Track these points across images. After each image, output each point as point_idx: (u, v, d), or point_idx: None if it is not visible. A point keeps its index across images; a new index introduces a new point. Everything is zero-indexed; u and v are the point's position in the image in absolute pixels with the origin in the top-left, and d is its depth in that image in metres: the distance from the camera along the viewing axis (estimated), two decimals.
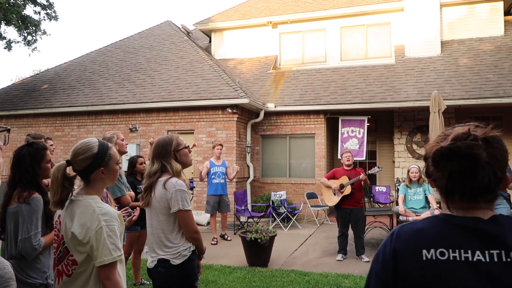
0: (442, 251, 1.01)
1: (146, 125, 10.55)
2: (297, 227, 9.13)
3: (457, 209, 1.06)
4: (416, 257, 1.03)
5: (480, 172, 0.99)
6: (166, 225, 2.45)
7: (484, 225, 1.01)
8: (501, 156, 1.03)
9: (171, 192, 2.40)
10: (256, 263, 5.93)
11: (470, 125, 1.07)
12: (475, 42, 11.30)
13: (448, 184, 1.04)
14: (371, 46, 12.08)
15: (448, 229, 1.04)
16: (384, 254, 1.10)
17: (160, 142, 2.58)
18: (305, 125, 10.66)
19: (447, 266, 0.99)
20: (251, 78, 12.01)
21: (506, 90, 9.25)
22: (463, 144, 1.01)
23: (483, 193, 1.02)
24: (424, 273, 1.01)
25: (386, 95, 10.05)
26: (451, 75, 10.23)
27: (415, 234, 1.07)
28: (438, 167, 1.05)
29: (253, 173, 10.64)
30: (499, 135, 1.05)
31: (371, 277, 1.12)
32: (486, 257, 0.98)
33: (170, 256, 2.42)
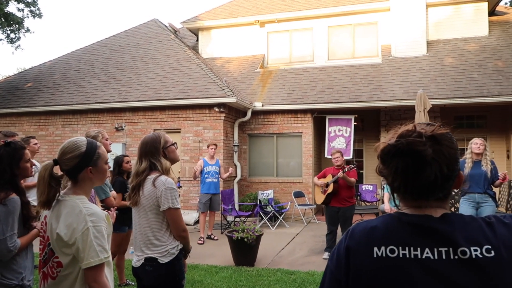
0: (392, 248, 1.01)
1: (132, 124, 10.44)
2: (284, 226, 9.13)
3: (409, 207, 1.06)
4: (367, 254, 1.03)
5: (427, 168, 0.99)
6: (155, 223, 2.43)
7: (434, 223, 1.01)
8: (448, 154, 1.02)
9: (160, 190, 2.39)
10: (243, 263, 5.90)
11: (420, 123, 1.07)
12: (460, 42, 11.43)
13: (395, 181, 1.04)
14: (358, 45, 12.14)
15: (399, 226, 1.03)
16: (338, 251, 1.10)
17: (148, 140, 2.55)
18: (292, 124, 10.66)
19: (397, 263, 0.99)
20: (239, 77, 11.97)
21: (490, 90, 9.38)
22: (406, 141, 1.01)
23: (431, 190, 1.02)
24: (374, 270, 1.01)
25: (373, 94, 10.10)
26: (437, 75, 10.33)
27: (368, 231, 1.07)
28: (385, 164, 1.06)
29: (240, 172, 10.61)
30: (448, 132, 1.06)
31: (326, 275, 1.12)
32: (435, 254, 0.98)
33: (158, 255, 2.40)
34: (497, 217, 1.05)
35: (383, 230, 1.05)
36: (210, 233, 7.84)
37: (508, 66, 9.99)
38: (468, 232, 0.99)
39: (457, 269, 0.96)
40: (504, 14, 12.54)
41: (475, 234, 0.99)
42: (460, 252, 0.97)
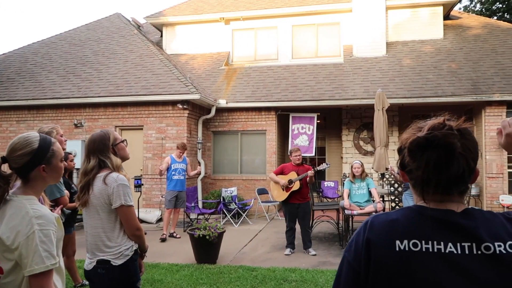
0: (415, 242, 1.01)
1: (93, 121, 10.15)
2: (248, 223, 9.19)
3: (430, 201, 1.06)
4: (389, 247, 1.02)
5: (455, 162, 1.00)
6: (107, 223, 2.34)
7: (456, 218, 1.02)
8: (473, 148, 1.04)
9: (112, 187, 2.30)
10: (205, 260, 5.90)
11: (444, 117, 1.09)
12: (417, 44, 11.89)
13: (425, 174, 1.03)
14: (321, 45, 12.36)
15: (421, 220, 1.04)
16: (357, 243, 1.08)
17: (96, 137, 2.46)
18: (256, 121, 10.73)
19: (420, 257, 0.99)
20: (203, 74, 11.90)
21: (444, 90, 9.81)
22: (440, 133, 1.02)
23: (457, 184, 1.03)
24: (397, 263, 1.00)
25: (335, 93, 10.33)
26: (395, 75, 10.70)
27: (389, 224, 1.06)
28: (415, 158, 1.05)
29: (204, 170, 10.57)
30: (470, 127, 1.08)
31: (343, 266, 1.10)
32: (458, 249, 0.99)
33: (111, 257, 2.31)
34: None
35: (405, 224, 1.05)
36: (172, 231, 7.78)
37: (460, 68, 10.49)
38: (491, 228, 1.00)
39: (480, 264, 0.96)
40: (458, 19, 13.15)
41: (498, 229, 1.00)
42: (484, 248, 0.98)
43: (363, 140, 11.24)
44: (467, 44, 11.50)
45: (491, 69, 10.28)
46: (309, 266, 5.73)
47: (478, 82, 9.88)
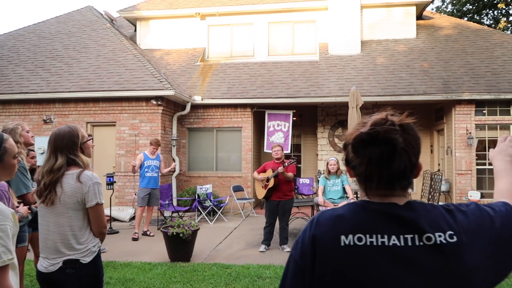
0: (360, 236, 1.01)
1: (63, 116, 9.85)
2: (223, 220, 9.13)
3: (374, 196, 1.07)
4: (334, 243, 1.02)
5: (397, 158, 1.00)
6: (76, 221, 2.27)
7: (399, 211, 1.03)
8: (415, 143, 1.04)
9: (88, 185, 2.25)
10: (178, 258, 5.82)
11: (387, 112, 1.08)
12: (391, 43, 12.08)
13: (367, 170, 1.03)
14: (297, 42, 12.39)
15: (366, 215, 1.04)
16: (303, 240, 1.08)
17: (64, 133, 2.35)
18: (232, 118, 10.67)
19: (364, 251, 1.00)
20: (178, 69, 11.73)
21: (416, 89, 10.02)
22: (382, 129, 1.01)
23: (399, 179, 1.04)
24: (342, 258, 1.00)
25: (310, 91, 10.38)
26: (369, 73, 10.85)
27: (334, 220, 1.06)
28: (358, 153, 1.04)
29: (179, 167, 10.44)
30: (413, 122, 1.07)
31: (289, 264, 1.10)
32: (401, 241, 0.99)
33: (80, 255, 2.26)
34: (455, 205, 1.09)
35: (350, 219, 1.05)
36: (146, 229, 7.64)
37: (432, 67, 10.74)
38: (432, 219, 1.02)
39: (423, 254, 0.98)
40: (430, 19, 13.44)
41: (438, 220, 1.02)
42: (425, 238, 0.99)
43: (338, 137, 11.35)
44: (439, 44, 11.78)
45: (461, 68, 10.56)
46: (283, 263, 5.70)
47: (449, 81, 10.13)
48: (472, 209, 1.08)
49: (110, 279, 4.94)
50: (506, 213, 1.09)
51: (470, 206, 1.09)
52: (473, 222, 1.03)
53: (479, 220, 1.05)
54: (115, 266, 5.56)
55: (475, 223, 1.03)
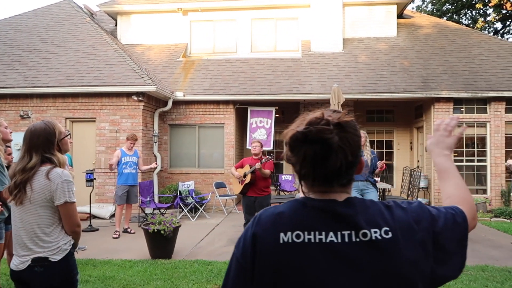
0: (298, 233, 1.01)
1: (41, 112, 9.63)
2: (205, 217, 9.11)
3: (315, 192, 1.07)
4: (273, 240, 1.02)
5: (333, 156, 1.00)
6: (45, 219, 2.21)
7: (338, 207, 1.03)
8: (353, 141, 1.04)
9: (56, 182, 2.18)
10: (159, 255, 5.77)
11: (327, 110, 1.08)
12: (372, 41, 12.22)
13: (302, 169, 1.04)
14: (280, 39, 12.41)
15: (305, 211, 1.04)
16: (245, 238, 1.08)
17: (40, 131, 2.27)
18: (214, 115, 10.62)
19: (302, 248, 1.00)
20: (160, 65, 11.60)
21: (397, 86, 10.16)
22: (314, 129, 1.01)
23: (336, 177, 1.04)
24: (280, 256, 1.00)
25: (293, 87, 10.42)
26: (351, 71, 10.95)
27: (275, 217, 1.06)
28: (294, 152, 1.05)
29: (161, 163, 10.34)
30: (353, 120, 1.07)
31: (232, 263, 1.09)
32: (338, 238, 1.00)
33: (49, 253, 2.19)
34: (396, 202, 1.10)
35: (289, 216, 1.05)
36: (126, 226, 7.54)
37: (412, 65, 10.91)
38: (369, 215, 1.03)
39: (359, 250, 0.99)
40: (411, 18, 13.65)
41: (375, 217, 1.03)
42: (361, 235, 1.00)
43: None
44: (419, 43, 11.97)
45: (440, 67, 10.76)
46: None
47: (428, 79, 10.31)
48: (413, 207, 1.09)
49: (90, 277, 4.87)
50: (452, 216, 1.09)
51: (412, 204, 1.10)
52: (411, 219, 1.04)
53: (418, 217, 1.05)
54: (95, 264, 5.48)
55: (414, 220, 1.04)
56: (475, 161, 10.14)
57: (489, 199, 9.78)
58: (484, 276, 4.83)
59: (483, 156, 10.12)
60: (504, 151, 9.82)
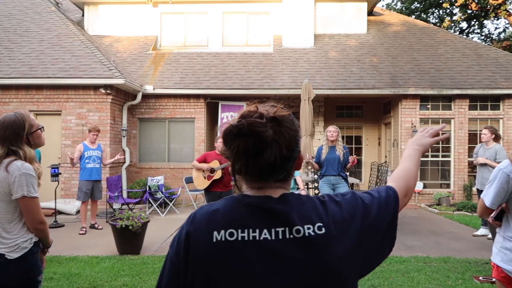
0: (232, 231, 0.99)
1: (2, 104, 9.23)
2: (175, 212, 9.02)
3: (251, 189, 1.05)
4: (206, 239, 1.00)
5: (267, 150, 0.98)
6: (4, 213, 2.13)
7: (272, 204, 1.02)
8: (288, 135, 1.02)
9: (14, 175, 2.09)
10: (127, 251, 5.67)
11: (264, 104, 1.06)
12: (343, 38, 12.38)
13: (236, 163, 1.02)
14: (251, 33, 12.37)
15: (240, 209, 1.02)
16: (179, 237, 1.05)
17: (7, 123, 2.18)
18: (185, 109, 10.50)
19: (235, 246, 0.98)
20: (129, 58, 11.34)
21: (366, 83, 10.35)
22: (246, 122, 0.99)
23: (271, 171, 1.02)
24: (213, 255, 0.99)
25: (264, 82, 10.43)
26: (322, 66, 11.06)
27: (209, 215, 1.04)
28: (227, 146, 1.02)
29: (130, 158, 10.14)
30: (290, 114, 1.06)
31: (166, 262, 1.07)
32: (272, 235, 0.99)
33: (6, 250, 2.11)
34: (331, 196, 1.09)
35: (224, 213, 1.03)
36: (93, 222, 7.36)
37: (381, 62, 11.13)
38: (303, 211, 1.02)
39: (292, 247, 0.98)
40: (380, 15, 13.91)
41: (309, 213, 1.02)
42: (295, 231, 0.99)
43: None
44: (388, 40, 12.22)
45: (408, 64, 11.04)
46: None
47: (396, 76, 10.56)
48: (347, 198, 1.09)
49: (54, 275, 4.73)
50: (386, 198, 1.11)
51: (346, 196, 1.10)
52: (345, 213, 1.04)
53: (352, 210, 1.05)
54: (60, 260, 5.33)
55: (348, 214, 1.04)
56: (440, 156, 10.49)
57: (452, 193, 10.16)
58: (446, 268, 5.01)
59: (448, 151, 10.47)
60: (467, 147, 10.20)
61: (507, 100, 10.17)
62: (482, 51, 11.53)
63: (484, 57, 11.21)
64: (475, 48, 11.71)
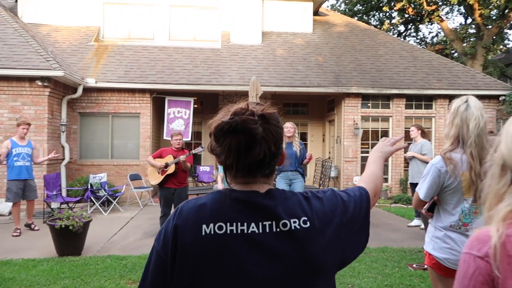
0: (221, 225, 1.02)
1: None
2: (119, 210, 8.73)
3: (238, 184, 1.09)
4: (195, 232, 1.02)
5: (256, 147, 1.02)
6: None
7: (259, 199, 1.06)
8: (275, 132, 1.07)
9: None
10: (68, 253, 5.41)
11: (251, 102, 1.10)
12: (290, 36, 12.60)
13: (227, 159, 1.04)
14: (199, 28, 12.22)
15: (227, 203, 1.06)
16: (166, 231, 1.06)
17: None
18: (129, 104, 10.16)
19: (224, 239, 1.01)
20: (68, 49, 10.76)
21: (311, 81, 10.63)
22: (239, 119, 1.02)
23: (259, 167, 1.06)
24: (203, 248, 1.01)
25: (212, 78, 10.36)
26: (269, 64, 11.20)
27: (197, 209, 1.06)
28: (219, 142, 1.05)
29: (69, 154, 9.64)
30: (275, 112, 1.10)
31: (152, 256, 1.08)
32: (260, 228, 1.03)
33: None
34: (313, 192, 1.15)
35: (212, 207, 1.05)
36: (30, 221, 6.91)
37: (326, 61, 11.49)
38: (289, 206, 1.06)
39: (279, 240, 1.02)
40: (325, 16, 14.33)
41: (294, 207, 1.07)
42: (281, 225, 1.03)
43: None
44: (332, 40, 12.62)
45: (351, 64, 11.48)
46: None
47: (340, 75, 10.95)
48: (328, 195, 1.14)
49: None
50: (359, 197, 1.19)
51: (326, 192, 1.16)
52: (327, 208, 1.10)
53: (333, 206, 1.11)
54: None
55: (329, 209, 1.10)
56: None
57: (390, 187, 10.75)
58: (384, 257, 5.31)
59: None
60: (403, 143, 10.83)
61: (439, 100, 10.93)
62: (417, 54, 12.28)
63: (419, 59, 11.94)
64: (411, 51, 12.43)
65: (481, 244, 0.93)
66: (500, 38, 20.26)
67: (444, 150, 2.39)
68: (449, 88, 10.71)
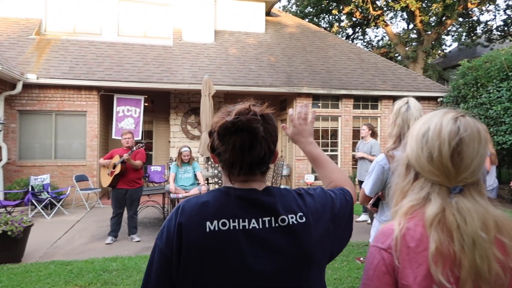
0: (224, 221, 1.07)
1: None
2: (64, 213, 8.30)
3: (237, 182, 1.13)
4: (200, 229, 1.06)
5: (258, 145, 1.08)
6: None
7: (259, 196, 1.12)
8: (273, 132, 1.14)
9: None
10: (6, 260, 5.06)
11: (249, 102, 1.15)
12: (242, 35, 12.62)
13: (231, 157, 1.09)
14: (150, 25, 11.90)
15: (229, 200, 1.10)
16: (168, 229, 1.09)
17: None
18: (75, 101, 9.67)
19: (228, 235, 1.06)
20: (6, 42, 10.06)
21: (264, 81, 10.71)
22: (245, 119, 1.07)
23: (259, 165, 1.12)
24: (207, 244, 1.05)
25: (163, 76, 10.13)
26: (222, 63, 11.14)
27: (200, 207, 1.10)
28: (223, 141, 1.09)
29: (7, 155, 9.00)
30: (271, 113, 1.17)
31: (154, 254, 1.10)
32: (260, 224, 1.09)
33: None
34: (305, 190, 1.23)
35: (214, 205, 1.10)
36: None
37: (278, 62, 11.62)
38: (286, 202, 1.13)
39: (278, 235, 1.09)
40: (277, 16, 14.51)
41: (291, 203, 1.14)
42: (280, 220, 1.10)
43: (190, 125, 11.39)
44: (284, 41, 12.80)
45: (302, 65, 11.70)
46: (132, 253, 5.52)
47: (292, 75, 11.12)
48: (318, 192, 1.23)
49: None
50: (343, 196, 1.27)
51: (316, 190, 1.24)
52: (318, 204, 1.18)
53: (323, 202, 1.20)
54: None
55: (320, 205, 1.18)
56: (329, 150, 11.36)
57: None
58: None
59: (335, 146, 11.39)
60: (351, 142, 11.20)
61: (384, 101, 11.42)
62: (364, 56, 12.76)
63: (366, 61, 12.42)
64: (358, 53, 12.90)
65: (385, 237, 1.01)
66: (439, 43, 21.53)
67: (387, 149, 2.51)
68: (393, 89, 11.23)
